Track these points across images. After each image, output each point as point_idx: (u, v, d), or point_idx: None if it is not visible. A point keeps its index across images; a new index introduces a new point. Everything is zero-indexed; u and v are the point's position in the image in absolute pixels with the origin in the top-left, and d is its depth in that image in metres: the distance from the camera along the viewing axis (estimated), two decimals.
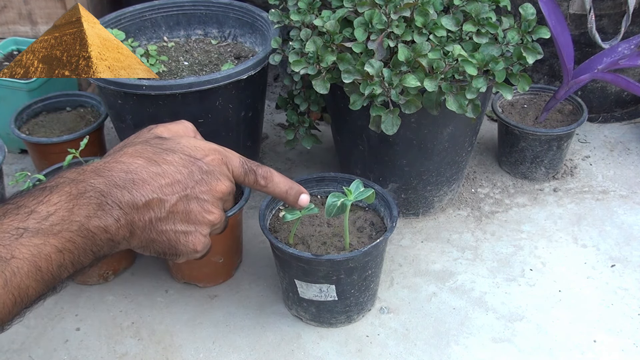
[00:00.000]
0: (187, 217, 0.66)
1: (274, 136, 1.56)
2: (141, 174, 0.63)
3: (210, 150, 0.69)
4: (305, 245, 1.02)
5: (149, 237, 0.65)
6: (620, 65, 1.27)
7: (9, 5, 1.60)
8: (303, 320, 1.09)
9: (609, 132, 1.53)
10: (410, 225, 1.28)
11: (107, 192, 0.61)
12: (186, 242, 0.67)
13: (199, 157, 0.67)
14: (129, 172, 0.63)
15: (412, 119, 1.10)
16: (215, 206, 0.68)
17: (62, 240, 0.57)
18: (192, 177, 0.66)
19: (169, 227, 0.65)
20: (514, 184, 1.38)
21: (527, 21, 1.08)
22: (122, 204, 0.61)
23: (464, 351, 1.03)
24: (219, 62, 1.36)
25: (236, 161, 0.72)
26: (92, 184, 0.61)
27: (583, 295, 1.12)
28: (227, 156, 0.71)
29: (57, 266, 0.58)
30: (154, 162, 0.64)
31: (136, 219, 0.63)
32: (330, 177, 1.12)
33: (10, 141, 1.47)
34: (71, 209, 0.58)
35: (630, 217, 1.28)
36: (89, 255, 0.60)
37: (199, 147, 0.69)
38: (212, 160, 0.68)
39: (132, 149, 0.66)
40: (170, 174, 0.65)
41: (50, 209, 0.58)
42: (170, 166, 0.65)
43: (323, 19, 1.08)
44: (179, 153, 0.66)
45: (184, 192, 0.65)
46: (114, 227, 0.61)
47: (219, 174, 0.68)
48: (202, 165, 0.67)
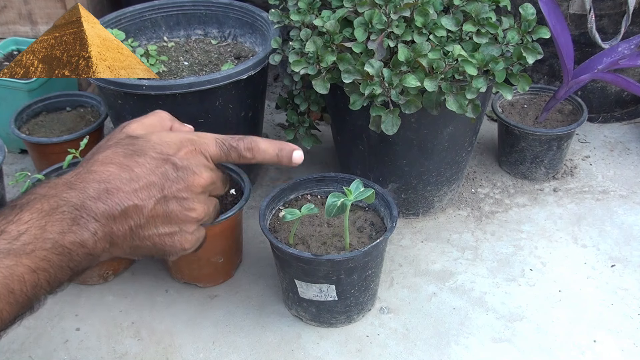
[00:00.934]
0: (169, 218, 0.64)
1: (274, 136, 1.56)
2: (114, 182, 0.61)
3: (182, 143, 0.66)
4: (305, 245, 1.02)
5: (131, 244, 0.63)
6: (620, 65, 1.27)
7: (9, 5, 1.60)
8: (303, 320, 1.09)
9: (609, 132, 1.53)
10: (410, 225, 1.28)
11: (81, 205, 0.58)
12: (172, 243, 0.65)
13: (171, 153, 0.64)
14: (101, 181, 0.60)
15: (412, 119, 1.10)
16: (197, 201, 0.65)
17: (36, 260, 0.55)
18: (167, 176, 0.63)
19: (151, 231, 0.63)
20: (514, 184, 1.38)
21: (527, 21, 1.08)
22: (97, 215, 0.59)
23: (464, 351, 1.03)
24: (219, 62, 1.36)
25: (211, 145, 0.67)
26: (65, 198, 0.58)
27: (583, 295, 1.12)
28: (201, 144, 0.67)
29: (32, 286, 0.55)
30: (125, 167, 0.62)
31: (114, 230, 0.60)
32: (330, 177, 1.12)
33: (10, 141, 1.47)
34: (43, 226, 0.56)
35: (630, 217, 1.28)
36: (66, 272, 0.58)
37: (170, 141, 0.65)
38: (185, 153, 0.65)
39: (102, 156, 0.63)
40: (144, 176, 0.62)
41: (21, 227, 0.55)
42: (142, 168, 0.62)
43: (323, 19, 1.08)
44: (150, 152, 0.63)
45: (161, 194, 0.63)
46: (91, 241, 0.59)
47: (195, 167, 0.65)
48: (176, 161, 0.64)
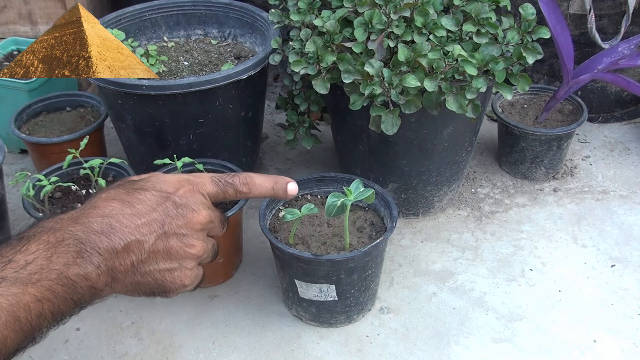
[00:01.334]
0: (169, 254, 0.65)
1: (274, 136, 1.56)
2: (117, 216, 0.62)
3: (181, 182, 0.68)
4: (305, 245, 1.02)
5: (133, 280, 0.64)
6: (620, 65, 1.27)
7: (9, 5, 1.60)
8: (303, 320, 1.09)
9: (609, 132, 1.53)
10: (410, 225, 1.28)
11: (85, 239, 0.60)
12: (172, 279, 0.66)
13: (171, 192, 0.66)
14: (105, 216, 0.62)
15: (412, 119, 1.10)
16: (196, 238, 0.67)
17: (41, 289, 0.56)
18: (167, 213, 0.65)
19: (152, 267, 0.64)
20: (514, 184, 1.38)
21: (527, 21, 1.08)
22: (101, 250, 0.61)
23: (464, 351, 1.03)
24: (219, 62, 1.36)
25: (208, 184, 0.70)
26: (70, 232, 0.60)
27: (583, 295, 1.12)
28: (198, 183, 0.70)
29: (37, 316, 0.56)
30: (127, 203, 0.64)
31: (117, 264, 0.62)
32: (330, 177, 1.12)
33: (10, 141, 1.47)
34: (49, 257, 0.57)
35: (630, 217, 1.28)
36: (69, 304, 0.59)
37: (169, 180, 0.68)
38: (184, 192, 0.67)
39: (105, 194, 0.65)
40: (145, 212, 0.64)
41: (28, 257, 0.57)
42: (144, 205, 0.64)
43: (323, 19, 1.08)
44: (151, 190, 0.66)
45: (162, 230, 0.64)
46: (95, 274, 0.60)
47: (194, 205, 0.67)
48: (176, 199, 0.66)
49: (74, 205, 1.14)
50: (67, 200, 1.15)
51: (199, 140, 1.23)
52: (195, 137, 1.22)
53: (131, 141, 1.28)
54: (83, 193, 1.17)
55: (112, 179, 1.20)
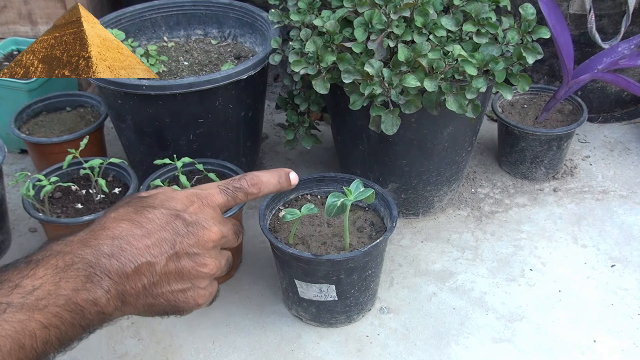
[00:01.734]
0: (181, 275, 0.64)
1: (274, 136, 1.56)
2: (127, 238, 0.61)
3: (190, 198, 0.67)
4: (305, 245, 1.02)
5: (145, 302, 0.63)
6: (620, 65, 1.27)
7: (9, 5, 1.60)
8: (303, 320, 1.09)
9: (609, 132, 1.53)
10: (410, 225, 1.28)
11: (95, 263, 0.59)
12: (186, 299, 0.65)
13: (180, 209, 0.65)
14: (114, 237, 0.61)
15: (412, 119, 1.10)
16: (208, 256, 0.66)
17: (48, 316, 0.55)
18: (178, 232, 0.64)
19: (164, 289, 0.63)
20: (514, 184, 1.38)
21: (527, 21, 1.08)
22: (111, 273, 0.59)
23: (464, 351, 1.03)
24: (219, 62, 1.36)
25: (216, 194, 0.69)
26: (80, 255, 0.59)
27: (583, 295, 1.12)
28: (206, 196, 0.68)
29: (42, 343, 0.55)
30: (137, 223, 0.62)
31: (128, 288, 0.61)
32: (330, 177, 1.12)
33: (10, 141, 1.47)
34: (58, 282, 0.56)
35: (630, 217, 1.28)
36: (77, 330, 0.58)
37: (177, 197, 0.66)
38: (194, 209, 0.66)
39: (114, 213, 0.64)
40: (155, 232, 0.62)
41: (35, 282, 0.55)
42: (153, 224, 0.63)
43: (323, 19, 1.08)
44: (160, 208, 0.64)
45: (173, 250, 0.63)
46: (104, 299, 0.59)
47: (204, 222, 0.65)
48: (186, 216, 0.64)
49: (74, 205, 1.14)
50: (67, 200, 1.15)
51: (199, 140, 1.23)
52: (195, 137, 1.22)
53: (131, 141, 1.28)
54: (83, 193, 1.17)
55: (112, 178, 1.20)
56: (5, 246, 1.25)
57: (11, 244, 1.27)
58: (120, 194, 1.16)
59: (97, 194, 1.16)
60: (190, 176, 1.17)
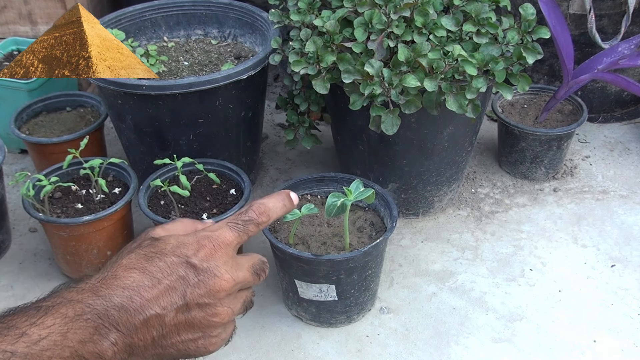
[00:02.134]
0: (191, 325, 0.62)
1: (274, 136, 1.56)
2: (137, 289, 0.60)
3: (200, 242, 0.64)
4: (305, 245, 1.02)
5: (154, 352, 0.61)
6: (620, 65, 1.27)
7: (9, 5, 1.60)
8: (303, 320, 1.09)
9: (609, 132, 1.53)
10: (410, 225, 1.28)
11: (104, 314, 0.58)
12: (197, 348, 0.64)
13: (190, 255, 0.63)
14: (125, 287, 0.60)
15: (412, 119, 1.10)
16: (220, 305, 0.64)
17: None
18: (188, 282, 0.62)
19: (174, 339, 0.62)
20: (514, 184, 1.38)
21: (527, 21, 1.08)
22: (119, 325, 0.58)
23: (464, 351, 1.03)
24: (219, 62, 1.36)
25: (227, 234, 0.66)
26: (90, 305, 0.58)
27: (583, 295, 1.12)
28: (217, 237, 0.65)
29: None
30: (148, 273, 0.61)
31: (136, 340, 0.59)
32: (330, 177, 1.11)
33: (10, 141, 1.47)
34: (65, 333, 0.55)
35: (630, 217, 1.28)
36: None
37: (188, 242, 0.64)
38: (204, 254, 0.63)
39: (126, 260, 0.62)
40: (165, 282, 0.61)
41: (42, 332, 0.54)
42: (164, 274, 0.61)
43: (323, 19, 1.08)
44: (169, 255, 0.62)
45: (182, 301, 0.61)
46: (110, 352, 0.57)
47: (215, 269, 0.63)
48: (196, 263, 0.62)
49: (74, 205, 1.14)
50: (67, 200, 1.15)
51: (199, 140, 1.23)
52: (195, 137, 1.22)
53: (131, 141, 1.28)
54: (83, 193, 1.17)
55: (112, 178, 1.20)
56: (5, 246, 1.25)
57: (11, 244, 1.27)
58: (120, 194, 1.16)
59: (97, 194, 1.16)
60: (190, 176, 1.17)
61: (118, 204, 1.11)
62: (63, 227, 1.09)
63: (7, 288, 1.18)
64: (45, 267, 1.22)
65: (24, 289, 1.18)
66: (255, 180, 1.41)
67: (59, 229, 1.10)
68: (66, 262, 1.16)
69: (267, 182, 1.42)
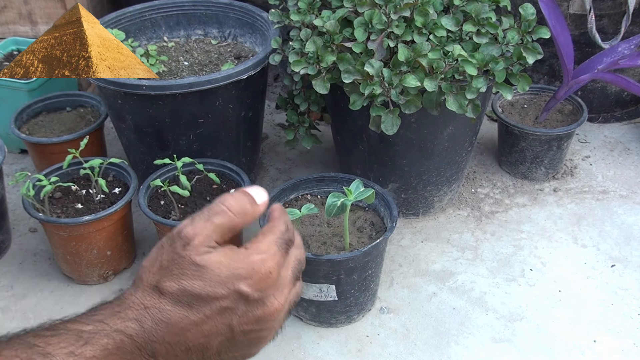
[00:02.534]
0: (234, 345, 0.59)
1: (274, 136, 1.56)
2: (180, 325, 0.56)
3: (255, 268, 0.56)
4: (305, 245, 1.02)
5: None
6: (620, 65, 1.27)
7: (9, 5, 1.60)
8: (303, 320, 1.09)
9: (609, 132, 1.53)
10: (410, 225, 1.28)
11: (144, 346, 0.56)
12: (243, 355, 0.61)
13: (244, 276, 0.56)
14: (170, 324, 0.56)
15: (412, 119, 1.10)
16: (269, 302, 0.60)
17: None
18: (235, 311, 0.57)
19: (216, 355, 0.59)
20: (514, 184, 1.38)
21: (527, 21, 1.08)
22: (158, 354, 0.56)
23: (464, 351, 1.03)
24: (219, 62, 1.36)
25: (275, 255, 0.58)
26: (131, 336, 0.55)
27: (583, 295, 1.12)
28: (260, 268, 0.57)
29: None
30: (193, 308, 0.56)
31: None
32: (330, 177, 1.12)
33: (10, 141, 1.47)
34: None
35: (630, 217, 1.28)
36: None
37: (240, 266, 0.56)
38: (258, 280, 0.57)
39: (170, 287, 0.56)
40: (211, 320, 0.57)
41: None
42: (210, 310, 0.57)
43: (323, 19, 1.08)
44: (221, 289, 0.56)
45: (229, 330, 0.58)
46: None
47: (266, 298, 0.59)
48: (249, 294, 0.56)
49: (74, 205, 1.14)
50: (67, 200, 1.15)
51: (199, 140, 1.23)
52: (195, 137, 1.22)
53: (131, 141, 1.28)
54: (83, 193, 1.17)
55: (112, 178, 1.20)
56: (5, 246, 1.25)
57: (11, 244, 1.27)
58: (120, 194, 1.16)
59: (97, 194, 1.16)
60: (190, 176, 1.17)
61: (118, 204, 1.11)
62: (63, 227, 1.09)
63: (7, 288, 1.18)
64: (45, 267, 1.22)
65: (24, 289, 1.18)
66: (255, 180, 1.41)
67: (59, 229, 1.10)
68: (66, 262, 1.16)
69: (267, 182, 1.42)
